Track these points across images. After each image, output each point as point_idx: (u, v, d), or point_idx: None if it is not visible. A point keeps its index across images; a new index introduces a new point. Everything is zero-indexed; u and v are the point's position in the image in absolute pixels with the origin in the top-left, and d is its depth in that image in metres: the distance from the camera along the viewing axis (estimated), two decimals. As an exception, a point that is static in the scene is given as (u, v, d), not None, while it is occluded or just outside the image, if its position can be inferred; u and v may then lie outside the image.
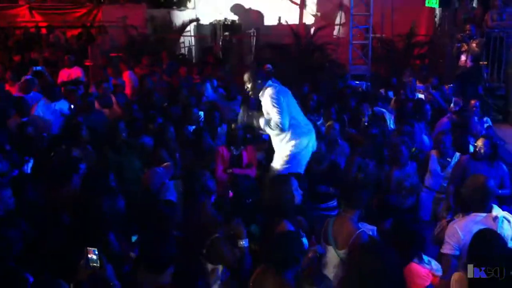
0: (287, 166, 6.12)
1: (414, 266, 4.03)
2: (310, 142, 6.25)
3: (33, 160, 6.33)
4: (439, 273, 4.16)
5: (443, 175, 6.71)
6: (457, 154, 6.77)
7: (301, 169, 6.14)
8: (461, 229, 4.46)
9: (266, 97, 6.09)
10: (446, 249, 4.49)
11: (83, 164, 5.66)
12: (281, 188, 4.65)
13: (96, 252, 3.60)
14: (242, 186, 5.23)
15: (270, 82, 6.20)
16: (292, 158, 6.15)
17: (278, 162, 6.24)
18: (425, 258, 4.18)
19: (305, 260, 4.13)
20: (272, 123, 6.05)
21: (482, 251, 3.75)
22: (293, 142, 6.13)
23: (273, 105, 6.00)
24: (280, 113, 5.99)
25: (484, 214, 4.52)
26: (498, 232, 4.27)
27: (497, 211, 4.56)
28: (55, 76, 11.61)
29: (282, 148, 6.21)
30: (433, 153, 6.89)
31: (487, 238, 3.88)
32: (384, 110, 8.37)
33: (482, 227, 4.24)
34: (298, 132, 6.16)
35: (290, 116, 6.08)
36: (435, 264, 4.21)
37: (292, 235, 4.12)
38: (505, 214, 4.58)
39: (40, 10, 18.75)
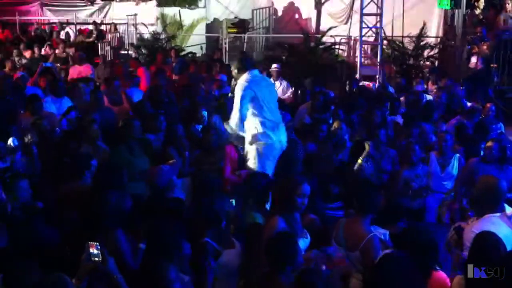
0: (256, 163, 6.15)
1: (439, 274, 3.93)
2: (278, 138, 6.25)
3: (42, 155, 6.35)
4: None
5: (443, 176, 6.69)
6: (457, 155, 6.75)
7: (270, 167, 6.16)
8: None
9: (238, 82, 6.20)
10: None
11: (94, 161, 5.68)
12: (286, 187, 4.63)
13: (98, 247, 3.62)
14: (260, 185, 5.22)
15: (252, 71, 6.25)
16: (259, 155, 6.15)
17: (250, 161, 6.25)
18: None
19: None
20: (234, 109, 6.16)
21: (482, 253, 3.73)
22: (260, 139, 6.16)
23: (237, 92, 6.13)
24: (241, 102, 6.08)
25: (498, 214, 4.45)
26: None
27: (509, 209, 4.52)
28: (65, 73, 11.66)
29: (250, 146, 6.24)
30: (433, 153, 6.87)
31: (487, 241, 3.87)
32: (395, 117, 8.29)
33: (498, 227, 4.21)
34: (266, 125, 6.17)
35: (248, 109, 6.13)
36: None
37: (284, 236, 4.04)
38: None
39: (51, 7, 18.86)
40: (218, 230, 4.41)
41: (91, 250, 3.63)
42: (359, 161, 6.73)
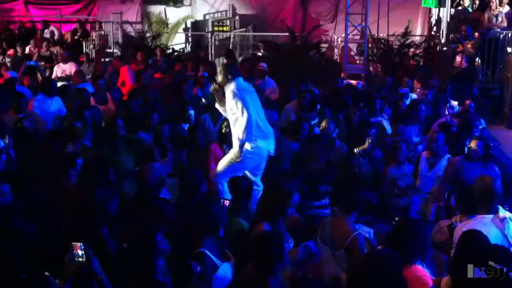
0: (228, 166, 6.11)
1: (417, 268, 3.91)
2: (267, 147, 6.21)
3: (27, 154, 6.28)
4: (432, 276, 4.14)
5: (430, 175, 6.72)
6: (447, 156, 6.77)
7: (244, 168, 6.15)
8: None
9: (229, 92, 6.08)
10: None
11: (79, 159, 5.64)
12: (278, 197, 4.63)
13: (83, 247, 3.60)
14: (241, 187, 5.21)
15: (238, 79, 6.17)
16: (244, 158, 6.09)
17: (229, 155, 6.19)
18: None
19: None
20: (239, 120, 6.01)
21: (468, 251, 3.74)
22: (248, 143, 6.07)
23: (236, 101, 5.98)
24: (246, 107, 5.95)
25: (491, 216, 4.43)
26: (505, 232, 4.25)
27: (503, 212, 4.48)
28: (49, 71, 11.55)
29: (234, 149, 6.18)
30: (424, 154, 6.90)
31: (473, 238, 3.88)
32: (381, 118, 8.31)
33: (489, 228, 4.21)
34: (255, 134, 6.09)
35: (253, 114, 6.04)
36: (426, 267, 4.18)
37: (270, 236, 4.05)
38: (510, 215, 4.52)
39: (35, 5, 18.68)
40: (214, 240, 4.27)
41: (75, 251, 3.61)
42: (355, 150, 6.77)
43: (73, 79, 9.70)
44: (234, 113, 6.04)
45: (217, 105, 6.39)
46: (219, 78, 6.17)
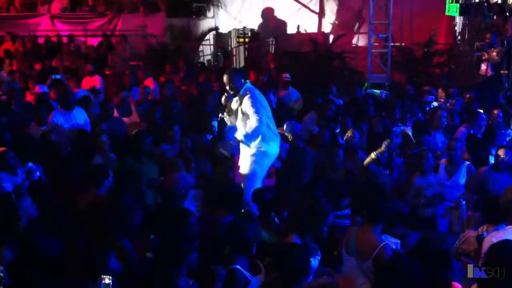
0: (253, 167, 6.30)
1: (455, 284, 3.87)
2: (276, 149, 6.47)
3: (53, 167, 6.37)
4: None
5: (450, 184, 6.62)
6: (466, 163, 6.68)
7: (263, 172, 6.39)
8: None
9: (245, 94, 6.24)
10: None
11: (110, 171, 5.70)
12: (316, 215, 4.58)
13: (111, 278, 3.64)
14: (266, 200, 5.21)
15: (248, 82, 6.39)
16: (258, 160, 6.30)
17: (245, 164, 6.37)
18: None
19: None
20: (251, 122, 6.18)
21: (498, 260, 3.64)
22: (262, 145, 6.28)
23: (251, 106, 6.16)
24: (257, 112, 6.15)
25: None
26: None
27: None
28: (75, 84, 11.68)
29: (250, 150, 6.32)
30: (442, 161, 6.81)
31: (505, 247, 3.79)
32: (405, 127, 8.24)
33: None
34: (268, 137, 6.32)
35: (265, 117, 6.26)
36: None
37: (296, 248, 4.01)
38: None
39: (61, 19, 18.99)
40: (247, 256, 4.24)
41: (103, 282, 3.64)
42: (372, 155, 6.70)
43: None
44: (245, 113, 6.22)
45: (224, 115, 6.55)
46: (232, 86, 6.29)
